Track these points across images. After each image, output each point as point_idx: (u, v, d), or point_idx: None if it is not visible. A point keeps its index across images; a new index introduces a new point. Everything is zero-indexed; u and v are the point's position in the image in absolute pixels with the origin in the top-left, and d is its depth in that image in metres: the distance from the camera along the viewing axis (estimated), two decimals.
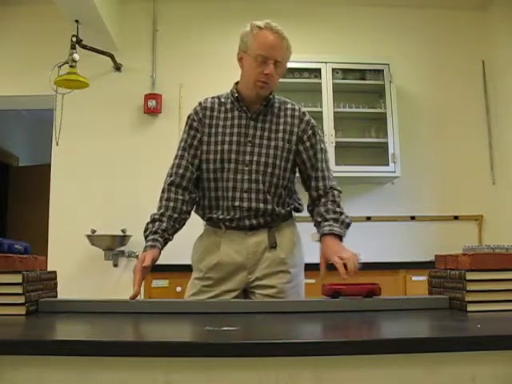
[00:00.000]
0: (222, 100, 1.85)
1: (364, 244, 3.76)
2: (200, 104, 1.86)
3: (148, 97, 3.88)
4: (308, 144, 1.82)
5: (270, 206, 1.75)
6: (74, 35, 3.37)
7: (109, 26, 3.60)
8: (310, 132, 1.83)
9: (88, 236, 3.58)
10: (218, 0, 4.02)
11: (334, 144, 3.65)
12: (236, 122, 1.80)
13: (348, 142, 3.76)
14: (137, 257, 3.62)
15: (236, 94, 1.82)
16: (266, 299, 1.71)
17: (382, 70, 3.80)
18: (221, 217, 1.77)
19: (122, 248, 3.70)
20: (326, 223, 1.70)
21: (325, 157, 1.85)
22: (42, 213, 3.85)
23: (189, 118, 1.86)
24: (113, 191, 3.80)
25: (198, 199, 1.85)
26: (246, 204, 1.74)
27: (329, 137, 3.66)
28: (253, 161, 1.76)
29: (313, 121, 1.87)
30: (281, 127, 1.81)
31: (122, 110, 3.91)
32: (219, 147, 1.77)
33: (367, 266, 3.29)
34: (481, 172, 4.04)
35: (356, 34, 4.08)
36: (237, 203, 1.74)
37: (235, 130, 1.78)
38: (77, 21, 3.41)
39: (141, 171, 3.79)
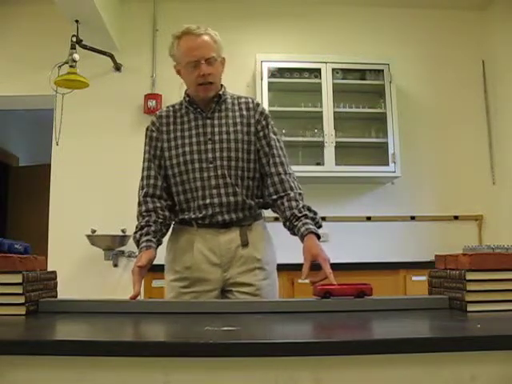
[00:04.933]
0: (177, 107, 1.89)
1: (364, 244, 3.81)
2: (155, 115, 1.90)
3: (148, 97, 3.88)
4: (261, 134, 1.85)
5: (240, 198, 1.78)
6: (74, 35, 3.37)
7: (109, 26, 3.60)
8: (263, 122, 1.86)
9: (88, 236, 3.58)
10: (218, 0, 4.02)
11: (334, 144, 3.65)
12: (193, 123, 1.83)
13: (348, 142, 3.76)
14: (136, 257, 3.61)
15: (187, 98, 1.86)
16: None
17: (382, 70, 3.80)
18: (193, 216, 1.78)
19: (122, 248, 3.70)
20: (309, 221, 1.71)
21: (280, 145, 1.87)
22: (41, 213, 3.85)
23: (147, 130, 1.90)
24: (113, 191, 3.79)
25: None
26: (216, 200, 1.76)
27: (329, 137, 3.66)
28: (216, 157, 1.78)
29: (266, 111, 1.90)
30: (238, 120, 1.84)
31: (122, 110, 3.91)
32: (180, 150, 1.80)
33: (367, 266, 3.30)
34: (481, 172, 4.04)
35: (356, 34, 4.08)
36: (208, 200, 1.76)
37: (193, 131, 1.82)
38: (77, 21, 3.41)
39: (141, 171, 3.78)
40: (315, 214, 1.76)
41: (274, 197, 1.80)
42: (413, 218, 3.98)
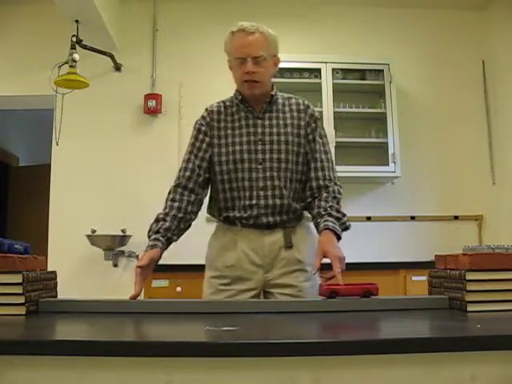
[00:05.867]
0: (228, 103, 1.88)
1: (364, 244, 3.80)
2: (206, 109, 1.89)
3: (148, 97, 3.88)
4: (311, 137, 1.85)
5: (286, 202, 1.77)
6: (74, 35, 3.37)
7: (109, 26, 3.60)
8: (313, 125, 1.87)
9: (88, 236, 3.58)
10: (218, 0, 4.02)
11: (334, 144, 3.65)
12: (243, 122, 1.83)
13: (348, 142, 3.76)
14: (137, 257, 3.62)
15: (240, 97, 1.85)
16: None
17: (382, 70, 3.80)
18: (237, 215, 1.78)
19: (122, 248, 3.70)
20: (331, 219, 1.71)
21: (324, 148, 1.87)
22: (41, 213, 3.85)
23: (196, 123, 1.89)
24: (113, 191, 3.79)
25: (213, 201, 1.87)
26: (262, 201, 1.76)
27: (329, 137, 3.65)
28: (266, 158, 1.78)
29: (316, 113, 1.90)
30: (288, 122, 1.84)
31: (122, 110, 3.91)
32: (230, 148, 1.80)
33: (367, 266, 3.30)
34: (481, 172, 4.04)
35: (356, 34, 4.08)
36: (254, 201, 1.76)
37: (244, 130, 1.81)
38: (77, 21, 3.41)
39: (141, 171, 3.79)
40: (343, 215, 1.76)
41: (309, 199, 1.81)
42: (413, 218, 3.98)
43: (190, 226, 1.80)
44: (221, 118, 1.85)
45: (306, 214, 1.88)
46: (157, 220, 1.74)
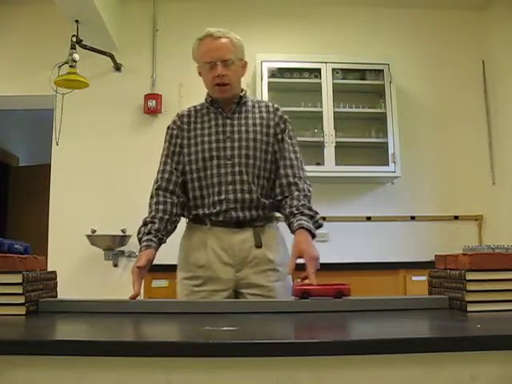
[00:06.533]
0: (198, 107, 1.94)
1: (364, 244, 3.81)
2: (177, 114, 1.95)
3: (148, 97, 3.88)
4: (280, 137, 1.89)
5: (255, 196, 1.79)
6: (74, 35, 3.38)
7: (109, 26, 3.60)
8: (282, 126, 1.90)
9: (88, 236, 3.58)
10: (218, 0, 4.02)
11: (334, 144, 3.65)
12: (213, 122, 1.87)
13: (348, 142, 3.76)
14: (136, 257, 3.62)
15: (210, 99, 1.90)
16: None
17: (382, 70, 3.80)
18: (207, 212, 1.79)
19: (122, 248, 3.70)
20: (304, 217, 1.72)
21: (294, 148, 1.90)
22: (41, 213, 3.85)
23: (168, 128, 1.94)
24: (113, 191, 3.79)
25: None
26: (231, 196, 1.78)
27: (329, 137, 3.66)
28: (234, 154, 1.81)
29: (285, 116, 1.94)
30: (257, 121, 1.88)
31: (122, 110, 3.91)
32: (199, 147, 1.83)
33: (367, 266, 3.30)
34: (481, 172, 4.04)
35: (356, 34, 4.08)
36: (223, 196, 1.78)
37: (213, 129, 1.86)
38: (77, 21, 3.41)
39: (141, 171, 3.77)
40: (316, 213, 1.76)
41: (279, 197, 1.83)
42: (413, 218, 3.98)
43: (175, 227, 1.83)
44: (191, 121, 1.90)
45: (276, 214, 1.90)
46: (145, 223, 1.77)
